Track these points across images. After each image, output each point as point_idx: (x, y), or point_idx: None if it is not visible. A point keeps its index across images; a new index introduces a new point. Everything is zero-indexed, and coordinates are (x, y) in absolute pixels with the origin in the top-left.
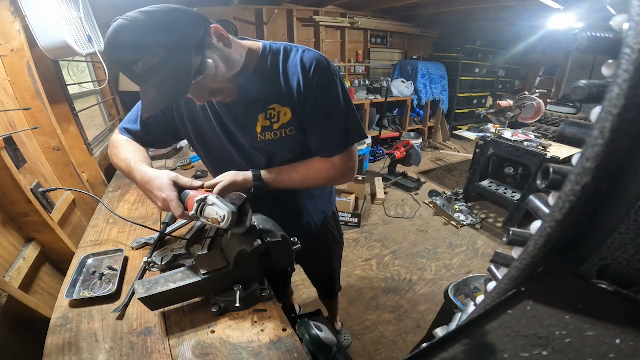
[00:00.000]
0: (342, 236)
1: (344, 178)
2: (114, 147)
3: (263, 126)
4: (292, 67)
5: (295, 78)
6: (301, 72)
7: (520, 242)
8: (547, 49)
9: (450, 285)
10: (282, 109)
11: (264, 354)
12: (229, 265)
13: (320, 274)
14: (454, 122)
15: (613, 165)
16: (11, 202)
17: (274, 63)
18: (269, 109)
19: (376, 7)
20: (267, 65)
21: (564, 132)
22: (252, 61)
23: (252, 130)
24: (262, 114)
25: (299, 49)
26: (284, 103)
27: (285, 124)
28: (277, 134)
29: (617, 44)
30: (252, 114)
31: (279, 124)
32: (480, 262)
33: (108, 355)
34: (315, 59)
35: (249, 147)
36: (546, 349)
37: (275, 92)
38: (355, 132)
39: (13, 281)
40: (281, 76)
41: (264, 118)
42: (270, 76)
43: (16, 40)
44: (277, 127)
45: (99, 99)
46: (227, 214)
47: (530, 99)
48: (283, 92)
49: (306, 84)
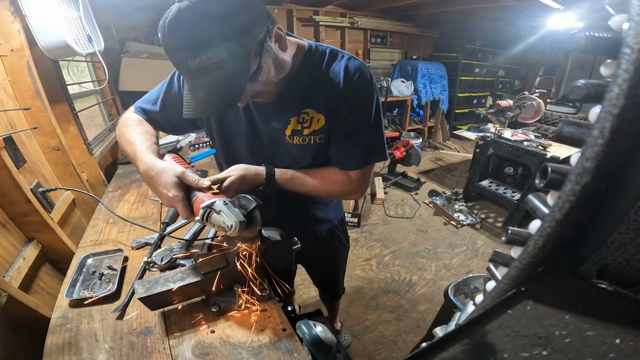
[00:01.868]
0: (348, 240)
1: (355, 194)
2: (124, 126)
3: (294, 130)
4: (335, 74)
5: (336, 86)
6: (343, 81)
7: (519, 241)
8: (547, 49)
9: (450, 285)
10: (316, 115)
11: (264, 354)
12: (229, 265)
13: (324, 277)
14: (454, 122)
15: (613, 165)
16: (11, 202)
17: (317, 66)
18: (302, 112)
19: (376, 7)
20: (310, 67)
21: (562, 131)
22: (297, 61)
23: (281, 132)
24: (295, 117)
25: (344, 55)
26: (320, 109)
27: (316, 130)
28: (306, 140)
29: (616, 44)
30: (285, 115)
31: (310, 129)
32: (480, 262)
33: (108, 355)
34: (359, 69)
35: (272, 148)
36: (546, 349)
37: (312, 97)
38: (378, 151)
39: (13, 281)
40: (322, 81)
41: (297, 122)
42: (311, 79)
43: (16, 40)
44: (307, 133)
45: (99, 99)
46: (234, 224)
47: (530, 99)
48: (321, 98)
49: (346, 93)
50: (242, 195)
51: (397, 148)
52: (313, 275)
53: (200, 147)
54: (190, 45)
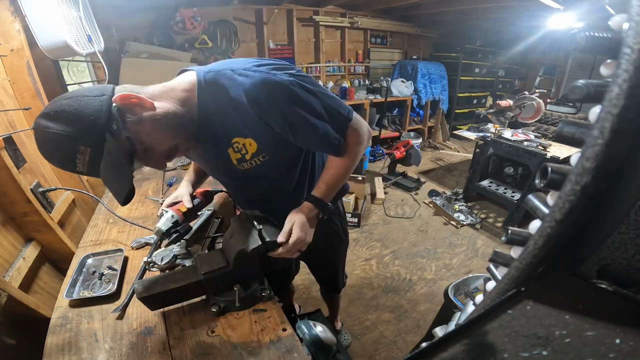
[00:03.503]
0: (347, 235)
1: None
2: None
3: (237, 159)
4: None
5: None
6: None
7: (519, 241)
8: (547, 49)
9: (450, 285)
10: (245, 141)
11: (264, 354)
12: (229, 265)
13: (323, 271)
14: (454, 122)
15: (613, 165)
16: (11, 202)
17: (216, 96)
18: (233, 142)
19: (376, 7)
20: (209, 101)
21: (562, 131)
22: (193, 100)
23: (230, 164)
24: (230, 149)
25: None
26: (245, 135)
27: (254, 153)
28: (253, 163)
29: (616, 44)
30: (222, 150)
31: (249, 154)
32: (480, 262)
33: (108, 355)
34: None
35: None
36: (546, 349)
37: (231, 126)
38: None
39: (13, 281)
40: (229, 108)
41: (234, 151)
42: (217, 111)
43: (16, 40)
44: (249, 158)
45: None
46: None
47: (530, 99)
48: (238, 124)
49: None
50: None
51: (397, 148)
52: (313, 269)
53: None
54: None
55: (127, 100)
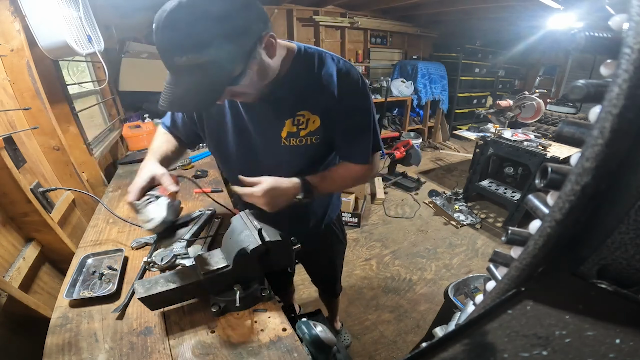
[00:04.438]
0: (345, 237)
1: (370, 177)
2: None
3: (289, 132)
4: (328, 76)
5: (330, 88)
6: (337, 84)
7: (519, 241)
8: (547, 49)
9: (450, 285)
10: (311, 117)
11: (264, 354)
12: (229, 265)
13: (322, 274)
14: (454, 122)
15: (613, 165)
16: (11, 202)
17: (308, 69)
18: (298, 115)
19: (376, 7)
20: (300, 70)
21: (562, 131)
22: (286, 64)
23: (277, 135)
24: (290, 120)
25: (334, 58)
26: (315, 111)
27: (312, 131)
28: (303, 141)
29: (616, 43)
30: (280, 118)
31: (306, 131)
32: (480, 262)
33: (108, 355)
34: (350, 72)
35: (265, 150)
36: (546, 349)
37: (307, 99)
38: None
39: (13, 281)
40: (316, 83)
41: (292, 124)
42: (303, 82)
43: (16, 40)
44: (303, 134)
45: (99, 99)
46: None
47: (530, 99)
48: (316, 100)
49: (341, 96)
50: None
51: (397, 148)
52: (311, 272)
53: (200, 147)
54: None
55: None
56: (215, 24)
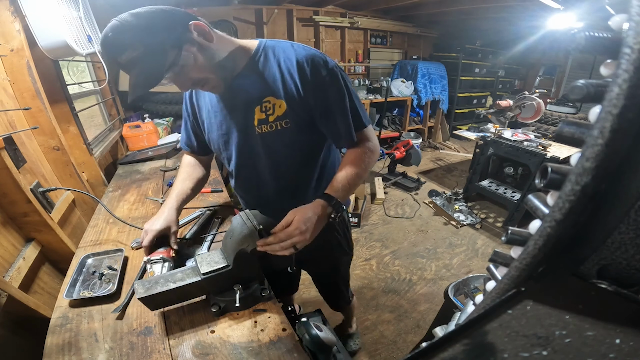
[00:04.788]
0: (351, 248)
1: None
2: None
3: (259, 119)
4: (287, 61)
5: (289, 73)
6: (296, 68)
7: (519, 241)
8: (547, 49)
9: (450, 285)
10: (277, 102)
11: (264, 354)
12: (229, 265)
13: (325, 284)
14: (454, 122)
15: (613, 165)
16: (11, 202)
17: (268, 58)
18: (264, 101)
19: (376, 7)
20: (261, 60)
21: (562, 131)
22: (245, 58)
23: (250, 123)
24: (258, 107)
25: (293, 45)
26: (279, 96)
27: (280, 116)
28: (273, 127)
29: (615, 43)
30: (249, 107)
31: (274, 116)
32: (480, 262)
33: (108, 355)
34: (311, 55)
35: (248, 142)
36: (546, 349)
37: (270, 86)
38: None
39: (13, 281)
40: (276, 71)
41: (260, 111)
42: (265, 70)
43: (16, 40)
44: (272, 120)
45: (99, 99)
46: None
47: (530, 99)
48: (278, 85)
49: (303, 79)
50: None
51: (397, 148)
52: (316, 281)
53: None
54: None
55: (200, 25)
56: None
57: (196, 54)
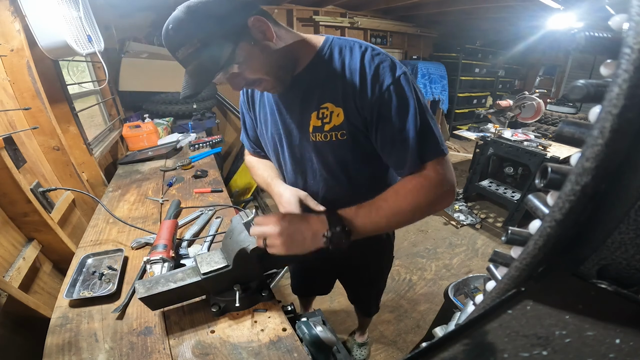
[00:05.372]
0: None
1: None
2: (251, 168)
3: (315, 126)
4: (351, 64)
5: (351, 77)
6: (359, 72)
7: (519, 241)
8: (547, 49)
9: (450, 285)
10: (335, 110)
11: (264, 354)
12: (229, 265)
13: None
14: (454, 122)
15: (613, 165)
16: (11, 202)
17: (333, 58)
18: (322, 107)
19: (376, 7)
20: (324, 60)
21: (562, 131)
22: (308, 55)
23: (306, 128)
24: (315, 112)
25: (362, 45)
26: (338, 103)
27: (337, 126)
28: (327, 137)
29: (616, 43)
30: (307, 111)
31: (330, 125)
32: (480, 262)
33: (108, 355)
34: (377, 59)
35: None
36: (546, 349)
37: (330, 91)
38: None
39: (13, 281)
40: (338, 74)
41: (317, 117)
42: (327, 72)
43: (16, 40)
44: (327, 129)
45: (99, 99)
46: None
47: (530, 99)
48: (339, 91)
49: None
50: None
51: None
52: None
53: (200, 147)
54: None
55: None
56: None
57: (252, 54)
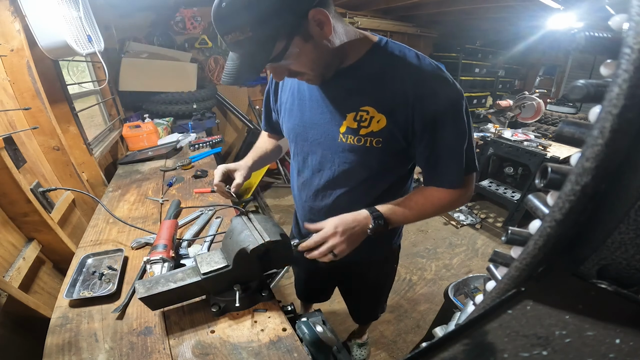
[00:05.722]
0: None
1: (460, 204)
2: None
3: (349, 127)
4: (405, 73)
5: (404, 87)
6: (415, 85)
7: (519, 241)
8: (547, 49)
9: (450, 285)
10: (377, 115)
11: (264, 354)
12: (229, 265)
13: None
14: None
15: (613, 165)
16: (11, 202)
17: (384, 62)
18: (362, 110)
19: (376, 7)
20: (376, 61)
21: (562, 131)
22: (359, 52)
23: (335, 127)
24: (353, 114)
25: (419, 56)
26: (381, 109)
27: (375, 132)
28: (362, 141)
29: (615, 43)
30: (342, 110)
31: (367, 130)
32: (480, 262)
33: (108, 355)
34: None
35: (325, 145)
36: (546, 349)
37: (375, 94)
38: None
39: (13, 281)
40: (388, 79)
41: (353, 119)
42: (375, 74)
43: (16, 40)
44: (364, 133)
45: (99, 99)
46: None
47: (530, 99)
48: (386, 97)
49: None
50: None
51: None
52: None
53: (200, 147)
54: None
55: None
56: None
57: (304, 48)
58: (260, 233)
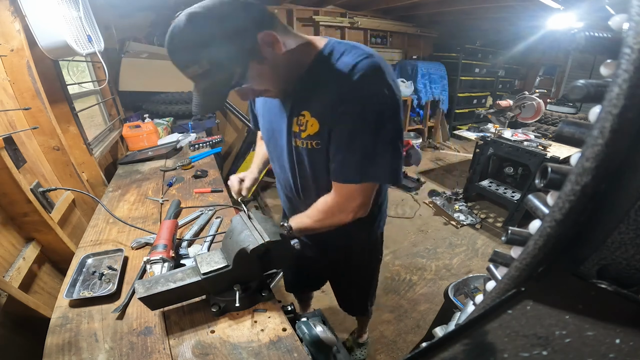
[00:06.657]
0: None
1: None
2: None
3: (294, 132)
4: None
5: (332, 88)
6: (339, 81)
7: (519, 241)
8: (547, 49)
9: (450, 285)
10: (310, 120)
11: (264, 354)
12: (229, 265)
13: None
14: (454, 122)
15: (613, 165)
16: (11, 202)
17: (325, 64)
18: (300, 114)
19: (376, 7)
20: (318, 66)
21: (562, 131)
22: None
23: (289, 132)
24: (295, 119)
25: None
26: (314, 113)
27: (311, 135)
28: (304, 144)
29: (615, 43)
30: (290, 114)
31: (306, 133)
32: (480, 262)
33: (108, 355)
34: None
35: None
36: (546, 349)
37: (310, 99)
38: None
39: (13, 281)
40: (323, 82)
41: (296, 123)
42: (315, 79)
43: (16, 40)
44: (304, 136)
45: (99, 99)
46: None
47: (530, 99)
48: (318, 101)
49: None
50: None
51: None
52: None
53: (200, 147)
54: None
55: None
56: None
57: (261, 70)
58: (260, 233)
